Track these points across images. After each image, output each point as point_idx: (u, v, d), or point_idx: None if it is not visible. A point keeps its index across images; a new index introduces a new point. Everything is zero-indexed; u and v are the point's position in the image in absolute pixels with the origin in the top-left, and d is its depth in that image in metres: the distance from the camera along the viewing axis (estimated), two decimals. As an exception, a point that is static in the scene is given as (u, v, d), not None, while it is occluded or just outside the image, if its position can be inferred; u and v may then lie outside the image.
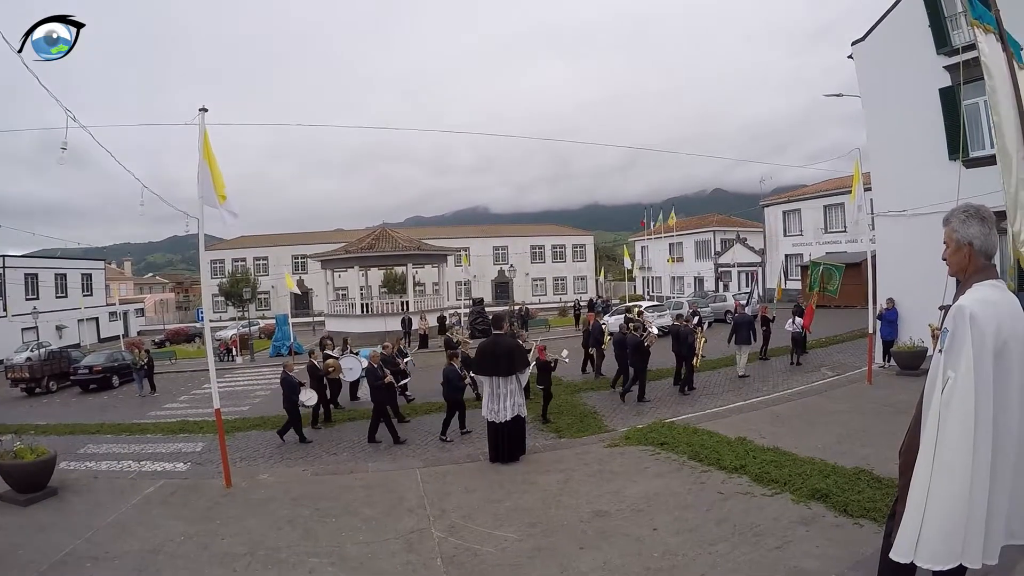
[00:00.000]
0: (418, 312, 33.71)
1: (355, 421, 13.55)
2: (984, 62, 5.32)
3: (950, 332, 2.76)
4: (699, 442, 8.57)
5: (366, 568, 5.40)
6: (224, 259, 62.74)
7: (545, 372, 12.82)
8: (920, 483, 2.77)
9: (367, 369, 12.15)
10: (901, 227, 14.53)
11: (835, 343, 20.83)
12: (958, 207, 3.06)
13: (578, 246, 71.31)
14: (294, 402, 12.10)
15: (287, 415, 12.19)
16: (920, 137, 14.25)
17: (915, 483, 2.80)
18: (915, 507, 2.78)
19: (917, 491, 2.78)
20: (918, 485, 2.78)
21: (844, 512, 5.62)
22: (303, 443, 11.95)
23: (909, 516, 2.80)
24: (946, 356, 2.75)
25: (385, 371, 12.16)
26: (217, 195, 8.16)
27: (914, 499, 2.79)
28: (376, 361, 12.24)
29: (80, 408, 19.47)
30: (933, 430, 2.75)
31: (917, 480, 2.79)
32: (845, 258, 30.87)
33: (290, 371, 12.46)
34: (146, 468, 10.78)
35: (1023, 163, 5.20)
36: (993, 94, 5.25)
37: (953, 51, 13.36)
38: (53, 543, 6.25)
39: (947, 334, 2.77)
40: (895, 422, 8.51)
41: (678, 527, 5.74)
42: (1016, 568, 4.06)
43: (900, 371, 13.28)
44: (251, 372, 26.03)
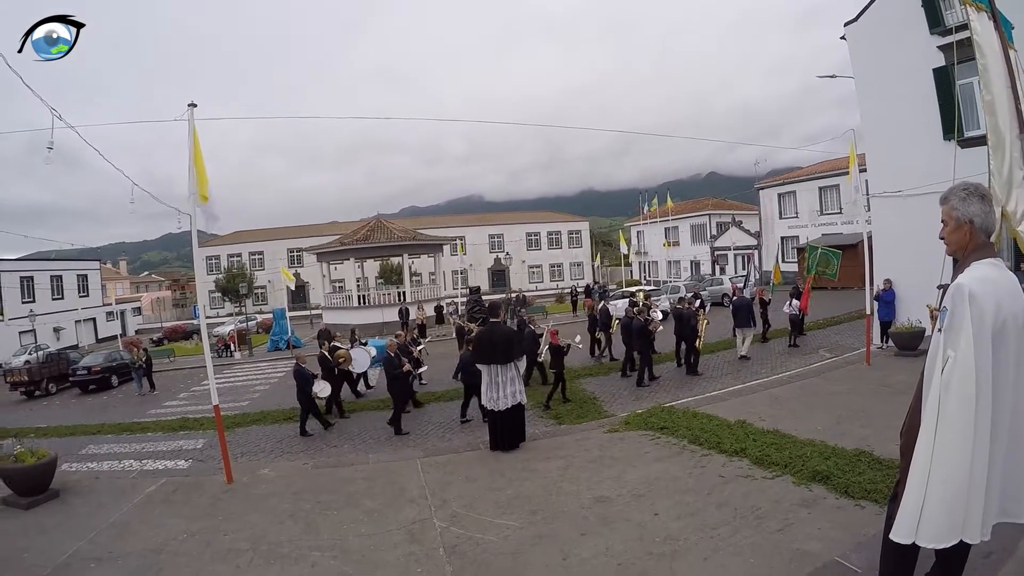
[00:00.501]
0: (415, 302, 33.73)
1: (358, 413, 13.56)
2: (976, 40, 5.31)
3: (949, 311, 2.74)
4: (699, 426, 8.59)
5: (369, 560, 5.40)
6: (219, 255, 62.49)
7: (558, 356, 13.04)
8: (921, 463, 2.77)
9: (384, 359, 12.12)
10: (897, 208, 14.53)
11: (833, 325, 20.86)
12: (956, 185, 3.04)
13: (574, 232, 71.07)
14: (308, 394, 12.13)
15: (300, 407, 12.23)
16: (914, 117, 14.24)
17: (915, 464, 2.80)
18: (916, 487, 2.77)
19: (918, 471, 2.78)
20: (918, 465, 2.78)
21: (845, 494, 5.64)
22: (304, 436, 11.97)
23: (909, 497, 2.80)
24: (946, 335, 2.74)
25: (403, 360, 12.20)
26: (199, 195, 8.11)
27: (915, 479, 2.79)
28: (393, 350, 12.24)
29: (80, 409, 19.42)
30: (934, 410, 2.74)
31: (917, 460, 2.79)
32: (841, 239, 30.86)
33: (302, 363, 12.51)
34: (147, 467, 10.76)
35: (1015, 141, 5.19)
36: (985, 72, 5.25)
37: (947, 31, 13.31)
38: (56, 545, 6.25)
39: (946, 313, 2.76)
40: (894, 403, 8.53)
41: (679, 511, 5.75)
42: (1019, 547, 4.08)
43: (898, 352, 13.31)
44: (250, 367, 25.99)
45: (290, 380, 20.69)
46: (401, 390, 11.85)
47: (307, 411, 12.16)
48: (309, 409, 12.18)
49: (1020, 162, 5.20)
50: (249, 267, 59.94)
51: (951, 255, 3.09)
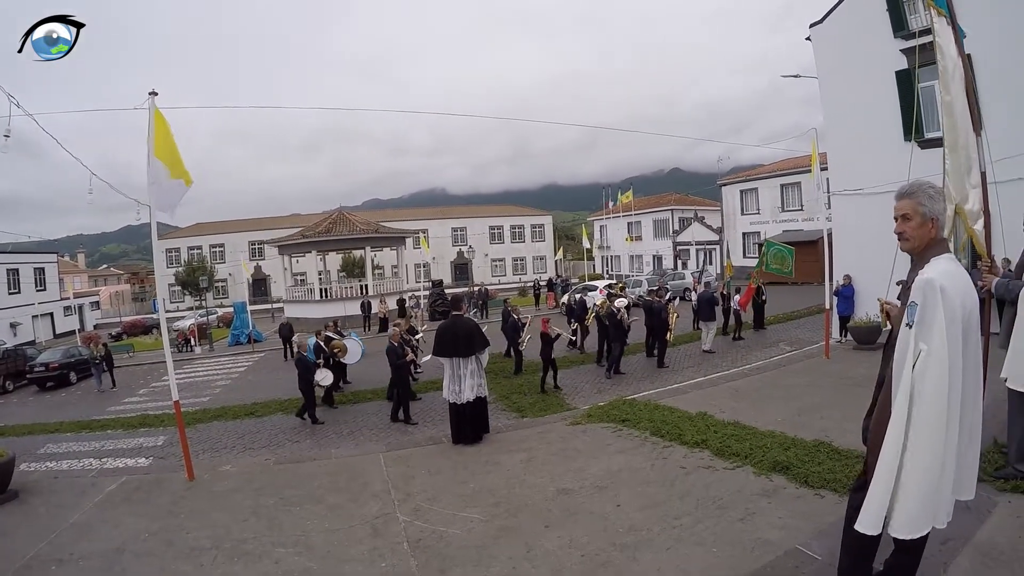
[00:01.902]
0: (378, 295, 33.49)
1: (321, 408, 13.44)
2: (937, 43, 5.44)
3: (920, 305, 2.77)
4: (660, 418, 8.66)
5: (333, 556, 5.35)
6: (179, 247, 61.37)
7: (548, 344, 13.46)
8: (890, 456, 2.81)
9: (388, 348, 12.00)
10: (856, 206, 14.80)
11: (792, 319, 21.26)
12: (920, 182, 3.07)
13: (536, 226, 71.31)
14: (309, 382, 12.08)
15: (303, 396, 12.20)
16: (876, 118, 14.50)
17: (884, 457, 2.84)
18: (884, 481, 2.82)
19: (886, 465, 2.82)
20: (887, 459, 2.82)
21: (805, 483, 5.73)
22: (315, 424, 12.00)
23: (876, 490, 2.84)
24: (917, 329, 2.77)
25: (405, 349, 12.14)
26: (185, 179, 7.96)
27: (883, 473, 2.83)
28: (397, 340, 12.13)
29: (38, 407, 18.94)
30: (905, 403, 2.78)
31: (886, 454, 2.83)
32: (801, 236, 31.44)
33: (304, 351, 12.52)
34: (107, 465, 10.50)
35: (968, 141, 5.32)
36: (945, 74, 5.37)
37: (910, 35, 13.57)
38: (16, 548, 6.06)
39: (915, 308, 2.79)
40: (853, 395, 8.74)
41: (642, 503, 5.79)
42: (975, 534, 4.21)
43: (856, 345, 13.63)
44: (211, 362, 25.62)
45: (251, 375, 20.65)
46: (402, 377, 11.81)
47: (310, 399, 12.13)
48: (311, 397, 12.16)
49: (976, 162, 5.34)
50: (210, 260, 58.95)
51: (909, 251, 3.10)
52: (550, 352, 13.40)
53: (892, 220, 3.14)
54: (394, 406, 11.83)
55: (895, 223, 3.11)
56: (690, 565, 4.52)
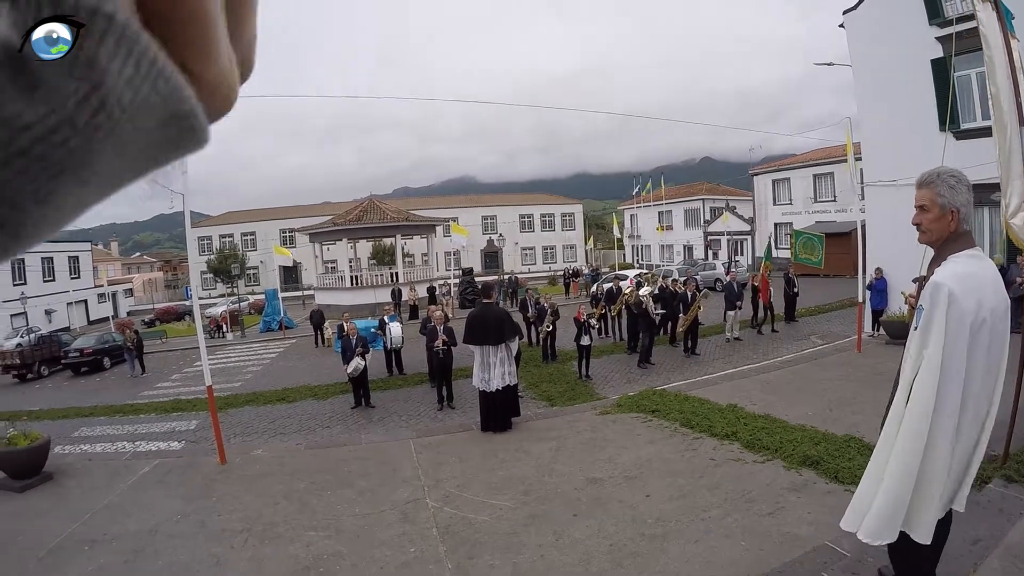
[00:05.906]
0: (407, 283, 33.59)
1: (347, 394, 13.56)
2: (982, 32, 5.30)
3: (925, 311, 2.69)
4: (690, 409, 8.64)
5: (363, 539, 5.44)
6: (211, 236, 62.10)
7: (582, 332, 13.55)
8: (879, 459, 2.80)
9: (428, 330, 12.00)
10: (891, 197, 14.53)
11: (824, 312, 20.98)
12: (941, 171, 2.87)
13: (567, 215, 70.85)
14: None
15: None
16: (910, 108, 14.22)
17: (874, 458, 2.83)
18: (869, 480, 2.81)
19: (875, 466, 2.81)
20: (876, 461, 2.81)
21: (835, 479, 5.70)
22: (368, 407, 12.07)
23: (861, 488, 2.84)
24: (921, 336, 2.71)
25: (438, 333, 12.06)
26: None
27: (870, 472, 2.83)
28: (441, 323, 11.83)
29: (72, 392, 19.36)
30: (901, 408, 2.75)
31: (877, 456, 2.81)
32: (834, 227, 30.93)
33: (354, 335, 12.28)
34: (140, 448, 10.73)
35: (1015, 134, 5.19)
36: (990, 64, 5.24)
37: (946, 22, 13.26)
38: (50, 528, 6.26)
39: (922, 312, 2.71)
40: (884, 390, 8.48)
41: (671, 493, 5.80)
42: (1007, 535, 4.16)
43: (889, 340, 13.37)
44: (242, 348, 25.98)
45: (281, 361, 20.92)
46: (441, 361, 11.59)
47: (358, 384, 12.09)
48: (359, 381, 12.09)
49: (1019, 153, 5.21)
50: (241, 248, 59.65)
51: (927, 243, 2.94)
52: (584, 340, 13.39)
53: None
54: (438, 392, 11.77)
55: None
56: (718, 557, 4.53)
